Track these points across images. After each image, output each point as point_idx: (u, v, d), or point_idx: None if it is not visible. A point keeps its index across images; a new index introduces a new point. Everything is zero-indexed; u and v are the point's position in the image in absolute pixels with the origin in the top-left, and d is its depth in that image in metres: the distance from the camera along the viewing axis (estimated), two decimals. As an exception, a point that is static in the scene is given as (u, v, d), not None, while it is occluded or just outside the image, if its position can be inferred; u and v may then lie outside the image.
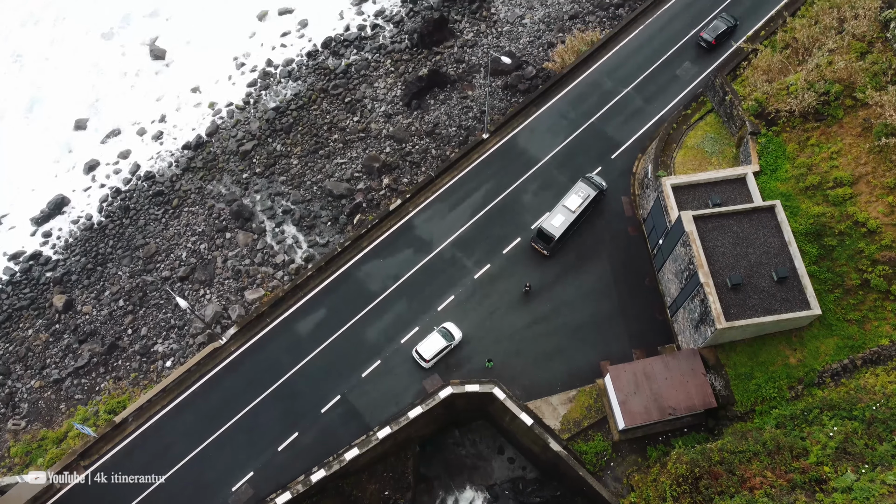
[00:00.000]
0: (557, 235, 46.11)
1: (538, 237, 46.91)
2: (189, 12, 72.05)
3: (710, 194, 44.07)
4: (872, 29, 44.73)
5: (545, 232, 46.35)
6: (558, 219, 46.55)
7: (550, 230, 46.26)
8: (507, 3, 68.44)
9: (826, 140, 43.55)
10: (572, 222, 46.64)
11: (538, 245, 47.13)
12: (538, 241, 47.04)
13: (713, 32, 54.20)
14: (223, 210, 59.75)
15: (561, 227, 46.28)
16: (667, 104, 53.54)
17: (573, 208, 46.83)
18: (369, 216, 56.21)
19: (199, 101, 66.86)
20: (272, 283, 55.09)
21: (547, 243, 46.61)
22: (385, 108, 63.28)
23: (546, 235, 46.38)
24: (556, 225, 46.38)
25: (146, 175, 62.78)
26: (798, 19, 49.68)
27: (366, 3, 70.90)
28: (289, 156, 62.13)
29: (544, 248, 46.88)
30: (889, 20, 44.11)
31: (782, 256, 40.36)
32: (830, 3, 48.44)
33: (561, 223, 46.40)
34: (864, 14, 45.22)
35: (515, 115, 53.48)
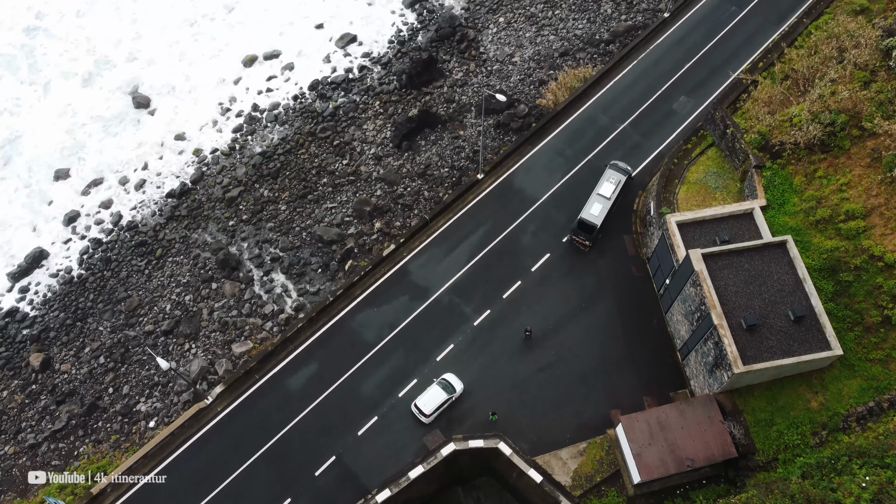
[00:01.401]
0: (599, 224, 46.24)
1: (579, 229, 46.85)
2: (173, 59, 70.64)
3: (718, 231, 42.34)
4: (874, 58, 43.69)
5: (586, 222, 46.39)
6: (596, 207, 46.84)
7: (591, 220, 46.35)
8: (495, 42, 67.53)
9: (834, 172, 42.08)
10: (610, 208, 46.87)
11: (579, 237, 47.13)
12: (579, 233, 47.03)
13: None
14: (209, 259, 57.45)
15: (600, 216, 46.49)
16: (665, 139, 52.24)
17: (608, 195, 47.17)
18: (361, 262, 54.08)
19: (183, 148, 65.03)
20: (261, 334, 52.55)
21: (589, 233, 46.64)
22: (375, 150, 61.67)
23: (588, 225, 46.40)
24: (596, 214, 46.64)
25: (129, 225, 60.54)
26: (796, 50, 48.72)
27: (352, 45, 69.83)
28: (276, 201, 60.15)
29: (586, 238, 46.93)
30: (891, 48, 43.12)
31: (797, 294, 38.46)
32: (828, 33, 47.58)
33: (599, 211, 46.64)
34: (864, 43, 44.23)
35: (510, 154, 51.95)
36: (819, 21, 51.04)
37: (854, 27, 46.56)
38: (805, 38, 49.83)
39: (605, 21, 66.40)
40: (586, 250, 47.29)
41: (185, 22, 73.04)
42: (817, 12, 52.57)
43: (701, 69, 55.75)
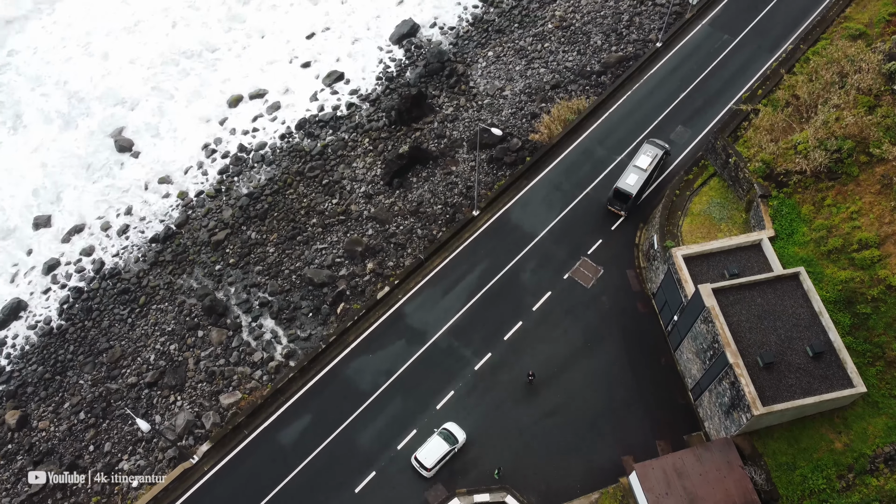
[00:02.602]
0: (634, 192, 46.84)
1: (614, 198, 47.78)
2: (157, 101, 69.08)
3: (726, 264, 40.65)
4: (877, 82, 42.61)
5: (622, 191, 47.11)
6: (632, 178, 47.50)
7: (626, 188, 47.01)
8: (485, 76, 66.45)
9: (843, 199, 40.64)
10: (645, 180, 47.48)
11: (614, 207, 48.27)
12: (614, 202, 48.05)
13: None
14: (194, 306, 55.08)
15: (636, 186, 47.11)
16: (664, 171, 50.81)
17: (644, 167, 47.85)
18: (354, 305, 51.88)
19: (168, 192, 63.06)
20: (250, 384, 49.98)
21: (624, 202, 47.49)
22: (365, 188, 59.92)
23: (623, 194, 47.10)
24: (631, 183, 47.27)
25: (111, 272, 58.22)
26: (795, 76, 47.71)
27: (339, 82, 68.60)
28: (264, 244, 58.07)
29: (621, 208, 48.00)
30: (893, 72, 42.05)
31: (814, 328, 36.65)
32: (827, 59, 46.64)
33: (635, 181, 47.24)
34: (866, 68, 43.20)
35: (506, 189, 50.41)
36: (816, 47, 50.26)
37: (853, 52, 45.64)
38: (803, 64, 48.92)
39: (596, 53, 65.53)
40: (624, 215, 48.41)
41: (169, 62, 71.70)
42: (813, 38, 51.85)
43: (697, 98, 54.75)
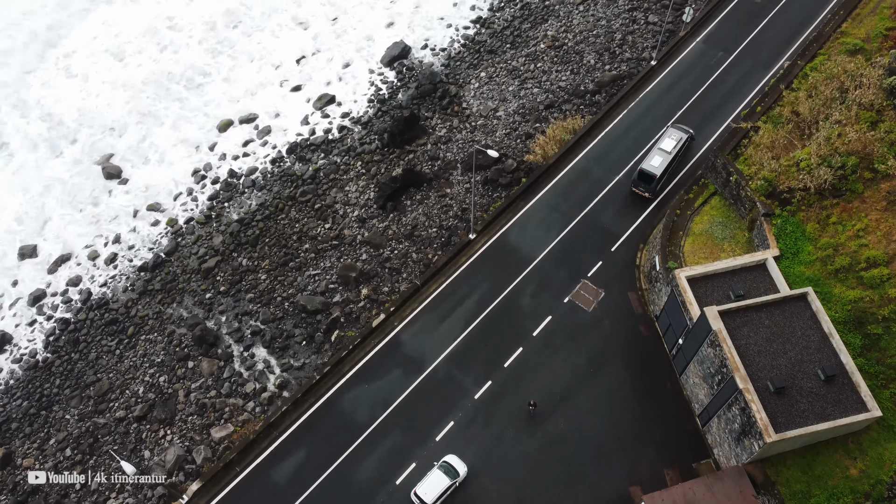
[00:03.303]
0: (658, 174, 47.50)
1: (639, 179, 48.39)
2: (146, 127, 67.99)
3: (731, 285, 39.56)
4: (878, 97, 41.93)
5: (646, 172, 47.80)
6: (656, 160, 48.19)
7: (651, 170, 47.70)
8: (478, 97, 65.71)
9: (849, 217, 39.71)
10: (670, 162, 48.13)
11: (639, 188, 48.82)
12: (639, 183, 48.61)
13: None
14: (184, 336, 53.58)
15: (660, 167, 47.80)
16: (663, 189, 49.89)
17: (669, 150, 48.56)
18: (349, 332, 50.51)
19: (156, 219, 61.76)
20: (242, 416, 48.38)
21: (648, 184, 48.08)
22: (358, 212, 58.79)
23: (647, 175, 47.78)
24: (656, 165, 47.97)
25: (99, 302, 56.72)
26: (794, 92, 47.04)
27: (331, 105, 67.74)
28: (256, 270, 56.73)
29: (645, 189, 48.54)
30: (895, 87, 41.35)
31: (825, 351, 35.50)
32: (826, 74, 45.98)
33: (660, 163, 47.92)
34: (867, 83, 42.53)
35: (502, 211, 49.34)
36: (814, 62, 49.70)
37: (853, 67, 45.00)
38: (801, 79, 48.28)
39: (589, 72, 64.94)
40: (649, 196, 48.91)
41: (157, 87, 70.75)
42: (810, 54, 51.33)
43: (693, 116, 54.06)
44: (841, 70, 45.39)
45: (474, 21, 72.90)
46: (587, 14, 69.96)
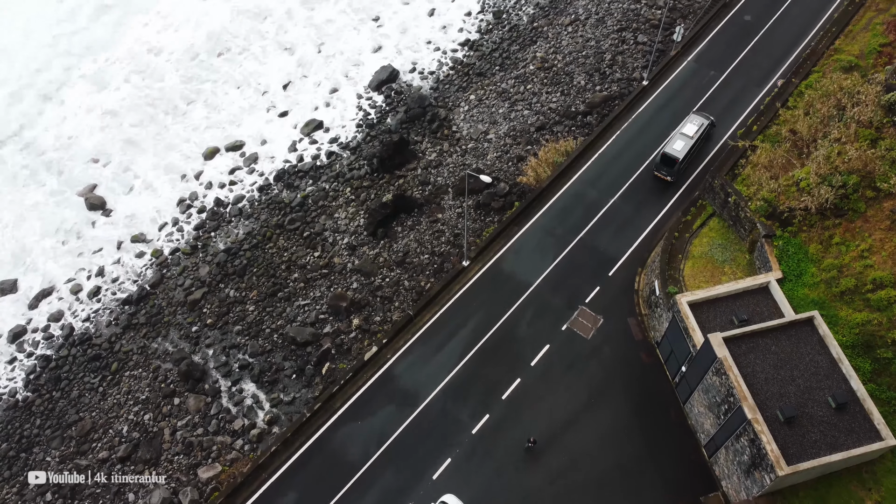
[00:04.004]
0: (681, 157, 48.26)
1: (661, 163, 49.19)
2: (130, 156, 66.52)
3: (734, 309, 38.35)
4: (877, 114, 41.12)
5: (669, 155, 48.56)
6: (679, 143, 49.06)
7: (674, 153, 48.44)
8: (468, 120, 64.76)
9: (852, 237, 38.67)
10: (692, 146, 49.01)
11: (661, 172, 49.58)
12: (661, 167, 49.41)
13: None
14: (170, 371, 51.82)
15: (683, 151, 48.56)
16: (659, 211, 48.95)
17: (691, 134, 49.46)
18: (340, 364, 48.93)
19: (141, 251, 60.20)
20: (230, 454, 46.54)
21: (671, 167, 48.80)
22: (348, 239, 57.43)
23: (670, 158, 48.54)
24: (678, 149, 48.74)
25: (81, 338, 54.93)
26: (791, 110, 46.25)
27: (318, 131, 66.62)
28: (244, 301, 55.14)
29: (667, 173, 49.29)
30: (893, 103, 40.58)
31: (835, 377, 34.24)
32: (822, 92, 45.22)
33: (682, 147, 48.75)
34: (865, 100, 41.75)
35: (496, 236, 48.07)
36: (809, 80, 49.01)
37: (849, 84, 44.26)
38: (797, 97, 47.53)
39: (580, 93, 64.18)
40: (671, 180, 49.64)
41: (141, 115, 69.42)
42: (805, 71, 50.67)
43: (688, 136, 53.15)
44: (837, 87, 44.64)
45: (462, 44, 72.23)
46: (576, 35, 69.40)
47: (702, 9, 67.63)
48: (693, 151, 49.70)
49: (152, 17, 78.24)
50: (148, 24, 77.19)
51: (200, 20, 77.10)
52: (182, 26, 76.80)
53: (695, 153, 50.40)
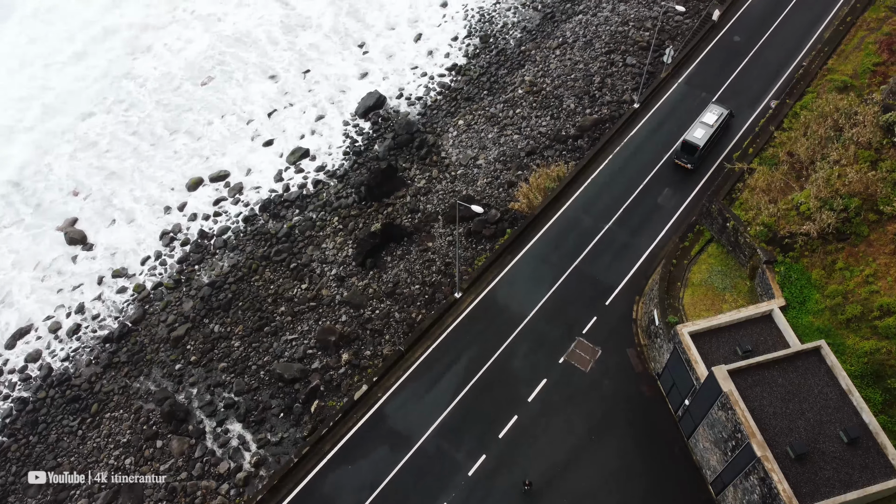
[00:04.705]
0: (702, 145, 49.14)
1: (682, 151, 50.16)
2: (112, 188, 64.85)
3: (737, 339, 36.99)
4: (876, 135, 40.17)
5: (690, 143, 49.51)
6: (699, 131, 49.95)
7: (694, 140, 49.37)
8: (457, 146, 63.61)
9: (856, 262, 37.50)
10: (712, 135, 49.85)
11: (681, 160, 50.40)
12: (682, 155, 50.29)
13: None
14: (153, 412, 49.83)
15: (703, 139, 49.46)
16: (655, 237, 47.71)
17: (711, 123, 50.34)
18: (329, 402, 47.16)
19: (123, 286, 58.34)
20: (215, 500, 44.51)
21: (691, 154, 49.67)
22: (336, 270, 55.87)
23: (691, 146, 49.48)
24: (699, 136, 49.65)
25: (60, 378, 52.88)
26: (787, 132, 45.29)
27: (305, 159, 65.26)
28: (229, 337, 53.32)
29: (688, 161, 50.11)
30: (891, 124, 39.66)
31: (845, 409, 32.86)
32: (818, 112, 44.32)
33: (703, 135, 49.62)
34: (863, 120, 40.82)
35: (489, 266, 46.63)
36: (804, 100, 48.20)
37: (845, 105, 43.39)
38: (792, 119, 46.64)
39: (570, 116, 63.25)
40: (691, 168, 50.34)
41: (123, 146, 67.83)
42: (799, 92, 49.87)
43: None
44: (832, 108, 43.77)
45: (450, 68, 71.35)
46: (564, 58, 68.66)
47: (689, 30, 67.15)
48: (713, 140, 50.53)
49: (133, 45, 76.87)
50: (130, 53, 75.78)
51: (182, 48, 75.91)
52: (163, 54, 75.53)
53: (715, 142, 51.25)
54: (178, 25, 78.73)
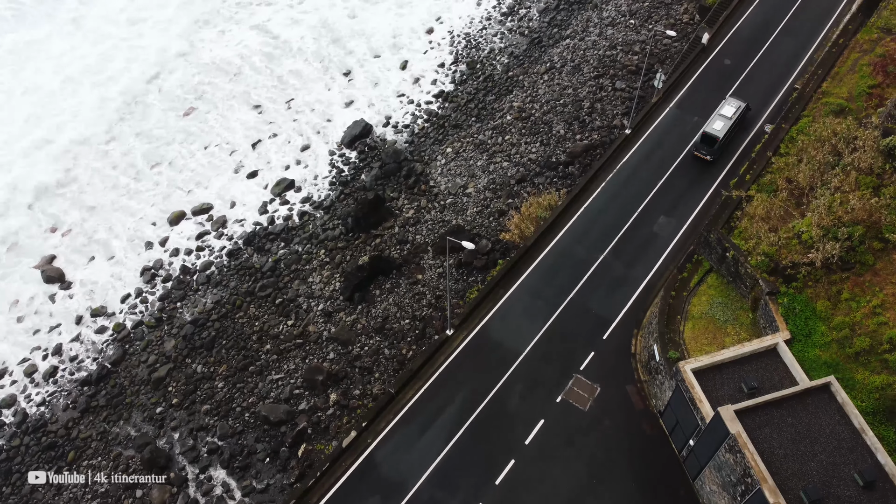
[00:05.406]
0: (721, 136, 50.00)
1: (701, 142, 51.08)
2: (91, 223, 62.92)
3: (742, 375, 35.47)
4: (877, 160, 39.05)
5: (709, 135, 50.43)
6: (718, 124, 50.91)
7: (714, 132, 50.32)
8: (445, 174, 62.24)
9: (862, 292, 36.14)
10: (730, 127, 50.71)
11: (701, 152, 51.36)
12: (701, 147, 51.19)
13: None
14: (132, 458, 47.63)
15: (722, 130, 50.38)
16: (651, 267, 46.28)
17: (729, 115, 51.32)
18: (317, 445, 45.14)
19: (103, 325, 56.24)
20: (199, 553, 42.28)
21: (711, 146, 50.60)
22: (323, 305, 54.07)
23: (710, 137, 50.40)
24: (718, 128, 50.59)
25: (35, 425, 50.58)
26: (783, 157, 44.17)
27: (290, 191, 63.67)
28: (212, 377, 51.29)
29: (707, 153, 51.02)
30: (892, 148, 38.56)
31: (859, 450, 31.27)
32: (815, 137, 43.23)
33: (722, 127, 50.57)
34: (863, 145, 39.70)
35: (481, 301, 44.98)
36: (799, 125, 47.16)
37: (843, 129, 42.33)
38: (789, 143, 45.55)
39: (560, 142, 62.12)
40: (711, 160, 51.27)
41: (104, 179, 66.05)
42: (794, 116, 48.88)
43: (676, 185, 51.04)
44: (830, 132, 42.71)
45: (437, 95, 70.27)
46: (552, 83, 67.77)
47: (678, 53, 66.46)
48: (731, 132, 51.28)
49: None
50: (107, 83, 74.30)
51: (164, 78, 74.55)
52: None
53: (733, 134, 51.93)
54: (158, 55, 77.41)
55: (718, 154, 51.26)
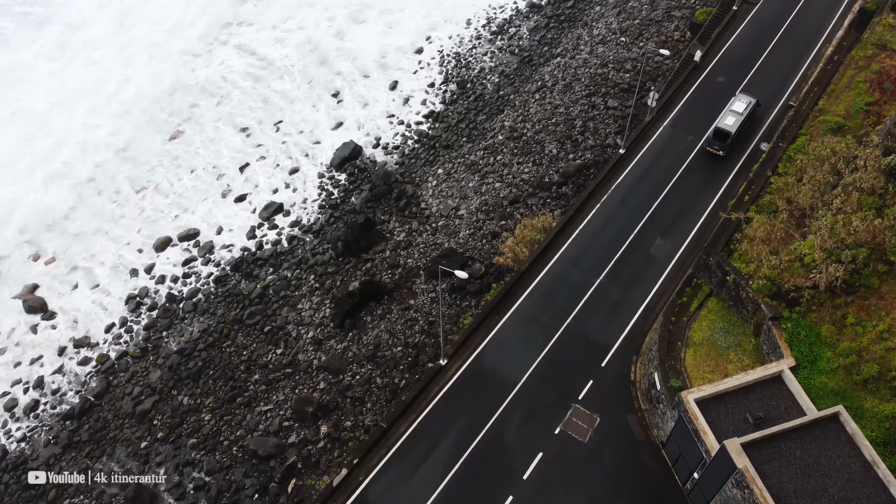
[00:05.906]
0: (733, 131, 50.60)
1: (714, 138, 51.70)
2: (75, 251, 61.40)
3: (747, 404, 34.25)
4: (879, 180, 38.12)
5: (722, 129, 51.00)
6: (730, 119, 51.50)
7: (726, 127, 50.86)
8: (437, 196, 61.08)
9: (868, 316, 35.04)
10: (742, 122, 51.17)
11: (713, 147, 51.87)
12: (713, 142, 51.80)
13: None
14: (115, 497, 45.85)
15: (734, 125, 50.96)
16: (649, 291, 45.13)
17: (740, 111, 51.86)
18: (307, 480, 43.52)
19: (86, 356, 54.59)
20: None
21: (723, 141, 51.16)
22: (313, 332, 52.61)
23: (722, 132, 50.96)
24: (730, 123, 51.20)
25: (15, 462, 48.81)
26: (782, 177, 43.23)
27: (278, 215, 62.36)
28: (199, 410, 49.67)
29: (720, 148, 51.51)
30: (894, 167, 37.64)
31: (871, 484, 30.03)
32: (813, 156, 42.33)
33: (733, 122, 51.14)
34: (864, 164, 38.79)
35: (475, 328, 43.67)
36: (797, 143, 46.31)
37: (842, 148, 41.46)
38: (787, 163, 44.65)
39: (553, 162, 61.14)
40: (723, 154, 51.74)
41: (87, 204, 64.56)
42: (791, 134, 48.06)
43: (672, 205, 50.04)
44: (829, 151, 41.85)
45: (427, 116, 69.31)
46: (544, 102, 66.93)
47: (671, 71, 65.78)
48: (743, 127, 51.67)
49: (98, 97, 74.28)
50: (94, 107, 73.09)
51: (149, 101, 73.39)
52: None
53: (744, 129, 52.25)
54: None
55: (730, 149, 51.76)
